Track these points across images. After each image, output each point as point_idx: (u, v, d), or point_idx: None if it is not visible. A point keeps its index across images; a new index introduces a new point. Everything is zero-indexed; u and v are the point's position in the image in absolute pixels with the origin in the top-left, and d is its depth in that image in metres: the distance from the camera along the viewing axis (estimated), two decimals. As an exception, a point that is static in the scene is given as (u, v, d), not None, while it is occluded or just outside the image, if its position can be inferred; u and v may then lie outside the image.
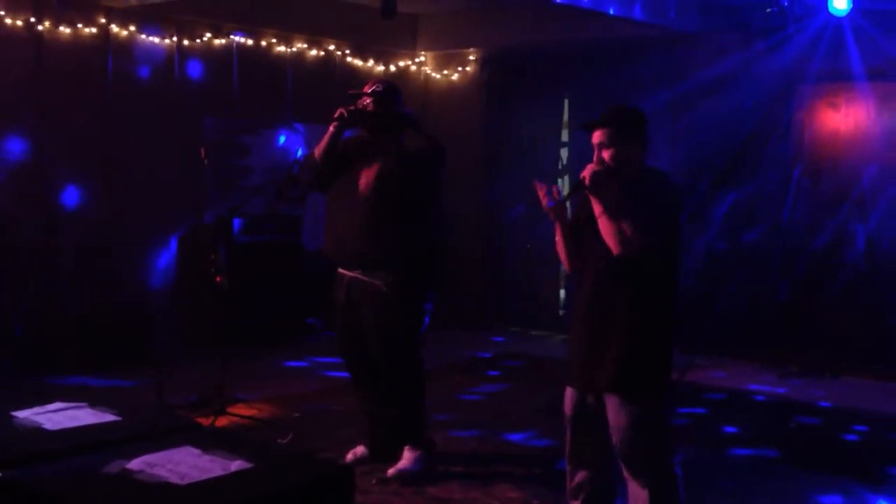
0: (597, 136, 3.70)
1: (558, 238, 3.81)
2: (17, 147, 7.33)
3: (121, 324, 7.54)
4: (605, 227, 3.58)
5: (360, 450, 5.03)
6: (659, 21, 7.96)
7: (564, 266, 3.88)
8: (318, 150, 4.88)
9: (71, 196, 7.64)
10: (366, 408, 5.05)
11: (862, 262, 7.73)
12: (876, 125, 7.64)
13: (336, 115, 4.76)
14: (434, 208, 4.86)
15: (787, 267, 8.03)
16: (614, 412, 3.62)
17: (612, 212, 3.56)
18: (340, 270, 4.91)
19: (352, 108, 4.79)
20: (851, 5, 7.18)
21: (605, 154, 3.67)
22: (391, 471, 4.79)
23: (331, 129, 4.80)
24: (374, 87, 4.82)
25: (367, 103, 4.78)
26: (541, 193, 3.71)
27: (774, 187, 8.05)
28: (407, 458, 4.84)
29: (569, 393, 3.81)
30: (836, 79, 7.69)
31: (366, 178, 4.73)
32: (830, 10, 7.25)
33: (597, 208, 3.61)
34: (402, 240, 4.70)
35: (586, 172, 3.64)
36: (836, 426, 6.21)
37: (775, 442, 5.80)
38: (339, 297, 4.90)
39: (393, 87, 4.88)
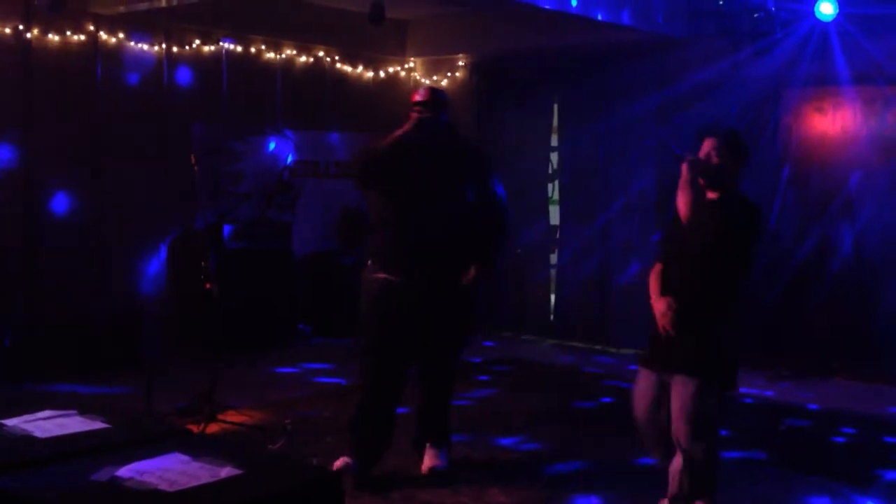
0: (707, 145, 4.18)
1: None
2: (4, 154, 7.33)
3: (110, 331, 7.53)
4: (683, 195, 4.08)
5: (343, 461, 4.90)
6: (647, 27, 8.00)
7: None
8: (381, 143, 4.79)
9: (60, 203, 7.63)
10: (378, 417, 4.93)
11: (849, 264, 7.77)
12: (862, 129, 7.68)
13: (414, 120, 4.82)
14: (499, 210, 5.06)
15: (775, 270, 8.05)
16: (682, 386, 4.09)
17: (695, 224, 4.08)
18: (389, 275, 4.81)
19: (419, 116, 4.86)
20: (838, 10, 7.23)
21: (714, 159, 4.14)
22: (425, 468, 5.01)
23: (399, 132, 4.77)
24: (431, 96, 4.89)
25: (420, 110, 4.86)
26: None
27: (762, 191, 8.06)
28: (435, 454, 5.04)
29: (644, 375, 4.34)
30: (823, 83, 7.73)
31: (439, 185, 4.80)
32: (817, 15, 7.29)
33: (684, 175, 4.08)
34: (474, 246, 4.89)
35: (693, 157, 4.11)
36: (824, 428, 6.24)
37: (764, 444, 5.82)
38: (393, 302, 4.81)
39: (444, 98, 4.95)
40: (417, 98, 4.87)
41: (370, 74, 9.66)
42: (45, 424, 3.25)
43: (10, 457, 2.94)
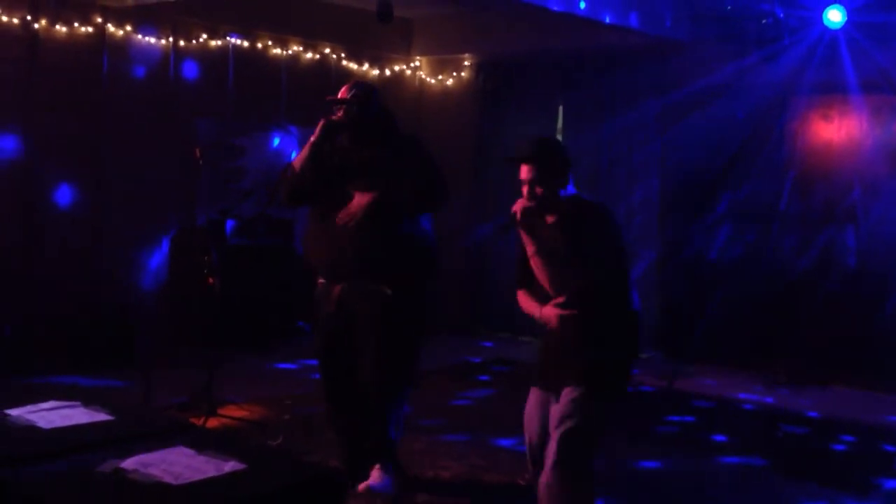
0: (525, 172, 3.72)
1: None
2: (8, 145, 7.33)
3: (111, 324, 7.53)
4: (538, 267, 3.68)
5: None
6: (654, 30, 7.99)
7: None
8: (297, 163, 4.61)
9: (63, 195, 7.62)
10: (340, 423, 4.80)
11: (851, 272, 7.77)
12: (868, 137, 7.68)
13: (319, 127, 4.54)
14: (433, 208, 4.71)
15: (776, 276, 8.06)
16: (567, 395, 3.65)
17: (544, 254, 3.66)
18: (323, 280, 4.70)
19: (333, 117, 4.60)
20: (846, 18, 7.23)
21: (538, 190, 3.69)
22: (362, 486, 4.58)
23: (312, 139, 4.56)
24: (352, 92, 4.62)
25: (340, 115, 4.58)
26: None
27: (766, 198, 8.08)
28: (377, 472, 4.62)
29: (534, 395, 3.84)
30: (830, 91, 7.73)
31: (359, 187, 4.50)
32: (825, 22, 7.29)
33: (529, 248, 3.69)
34: (400, 247, 4.56)
35: (517, 208, 3.67)
36: (823, 436, 6.24)
37: (763, 451, 5.82)
38: (326, 307, 4.65)
39: (369, 91, 4.66)
40: (339, 96, 4.63)
41: (375, 72, 9.66)
42: (50, 415, 3.25)
43: (15, 448, 2.94)
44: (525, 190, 3.72)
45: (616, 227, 3.76)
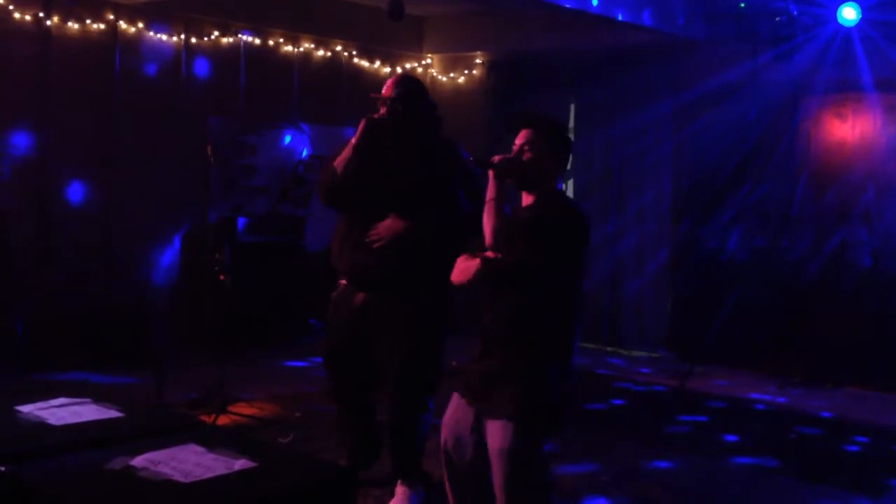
0: (522, 136, 3.50)
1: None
2: (21, 142, 7.33)
3: (122, 321, 7.53)
4: (488, 217, 3.49)
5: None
6: (667, 28, 7.96)
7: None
8: (339, 164, 4.35)
9: (75, 192, 7.63)
10: (351, 423, 4.71)
11: (865, 272, 7.72)
12: (882, 136, 7.63)
13: (361, 127, 4.27)
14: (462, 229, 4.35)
15: (790, 276, 8.02)
16: (499, 432, 3.37)
17: (499, 207, 3.47)
18: (346, 283, 4.54)
19: (375, 115, 4.33)
20: (860, 16, 7.18)
21: (526, 157, 3.47)
22: None
23: (353, 141, 4.31)
24: (397, 90, 4.34)
25: (383, 113, 4.33)
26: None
27: (779, 197, 8.04)
28: (402, 493, 4.46)
29: (455, 402, 3.62)
30: (844, 89, 7.68)
31: (397, 198, 4.31)
32: (839, 20, 7.24)
33: (490, 192, 3.50)
34: (427, 263, 4.35)
35: (498, 157, 3.49)
36: (836, 437, 6.20)
37: (775, 451, 5.79)
38: (346, 311, 4.49)
39: (416, 89, 4.41)
40: (383, 93, 4.37)
41: (387, 70, 9.65)
42: (60, 412, 3.25)
43: (26, 445, 2.93)
44: (513, 152, 3.51)
45: (572, 235, 3.45)
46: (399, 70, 9.71)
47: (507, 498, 3.37)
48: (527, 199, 3.52)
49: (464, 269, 3.48)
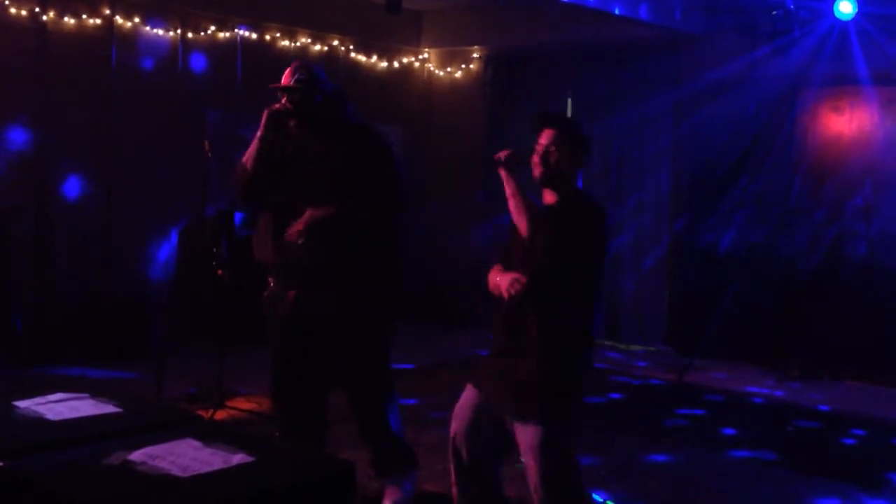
0: (546, 136, 3.58)
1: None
2: (18, 137, 7.32)
3: (120, 316, 7.53)
4: (518, 211, 3.57)
5: None
6: (664, 22, 7.95)
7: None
8: (248, 159, 4.24)
9: (72, 187, 7.63)
10: (292, 424, 4.42)
11: (863, 265, 7.73)
12: (880, 129, 7.64)
13: (263, 118, 4.20)
14: (395, 217, 4.26)
15: (788, 270, 8.03)
16: (525, 437, 3.49)
17: (524, 198, 3.57)
18: (275, 282, 4.32)
19: (276, 105, 4.23)
20: (857, 9, 7.17)
21: (553, 156, 3.55)
22: None
23: (258, 133, 4.22)
24: (294, 77, 4.21)
25: (284, 102, 4.22)
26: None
27: (777, 191, 8.04)
28: (393, 491, 4.35)
29: (468, 393, 3.71)
30: (841, 83, 7.69)
31: (314, 185, 4.14)
32: (836, 13, 7.24)
33: (508, 189, 3.60)
34: (355, 255, 4.15)
35: (503, 153, 3.59)
36: (834, 430, 6.22)
37: (773, 445, 5.80)
38: (281, 310, 4.25)
39: (315, 75, 4.25)
40: (283, 82, 4.24)
41: (384, 64, 9.64)
42: (57, 407, 3.23)
43: (23, 440, 2.93)
44: (538, 151, 3.57)
45: (602, 242, 3.61)
46: (396, 64, 9.70)
47: (545, 492, 3.48)
48: (549, 198, 3.61)
49: (501, 284, 3.49)
